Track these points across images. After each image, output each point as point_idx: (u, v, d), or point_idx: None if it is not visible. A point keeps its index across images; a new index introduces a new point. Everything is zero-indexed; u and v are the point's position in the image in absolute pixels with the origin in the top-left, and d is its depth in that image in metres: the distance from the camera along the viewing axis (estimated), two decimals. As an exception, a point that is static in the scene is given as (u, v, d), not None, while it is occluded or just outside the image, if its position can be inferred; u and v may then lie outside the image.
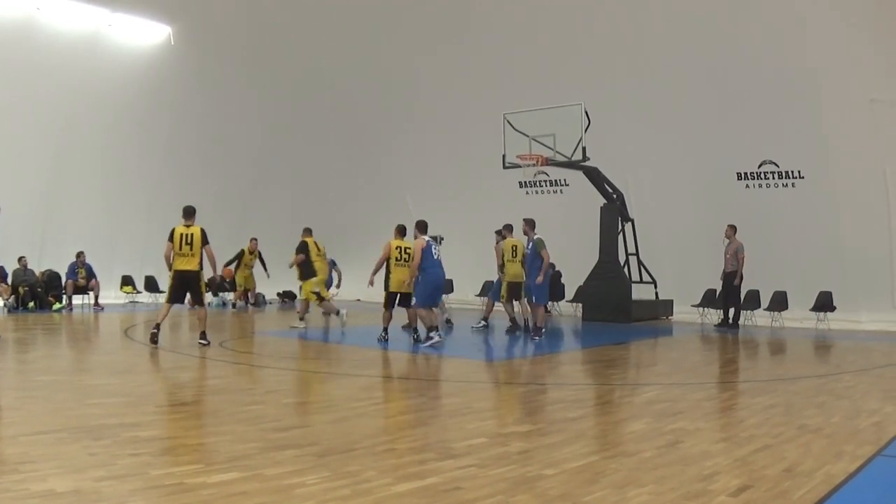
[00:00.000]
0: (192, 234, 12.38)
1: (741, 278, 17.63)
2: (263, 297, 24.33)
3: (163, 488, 4.99)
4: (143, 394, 8.74)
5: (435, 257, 13.25)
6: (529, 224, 15.07)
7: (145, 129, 22.48)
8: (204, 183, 23.32)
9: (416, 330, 13.86)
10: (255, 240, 19.10)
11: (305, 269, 16.19)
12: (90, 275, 20.52)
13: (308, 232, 16.79)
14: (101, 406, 7.74)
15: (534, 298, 14.77)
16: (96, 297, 20.62)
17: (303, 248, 16.20)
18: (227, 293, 24.35)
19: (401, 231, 13.99)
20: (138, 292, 22.34)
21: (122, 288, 22.21)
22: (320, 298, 16.36)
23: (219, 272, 15.33)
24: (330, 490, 4.97)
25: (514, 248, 15.79)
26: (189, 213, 12.68)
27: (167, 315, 12.61)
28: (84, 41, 21.25)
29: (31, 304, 19.44)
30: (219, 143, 24.07)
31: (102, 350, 13.48)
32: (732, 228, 17.84)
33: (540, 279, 14.42)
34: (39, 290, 19.84)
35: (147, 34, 22.60)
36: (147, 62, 22.54)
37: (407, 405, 8.53)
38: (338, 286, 19.99)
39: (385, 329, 13.70)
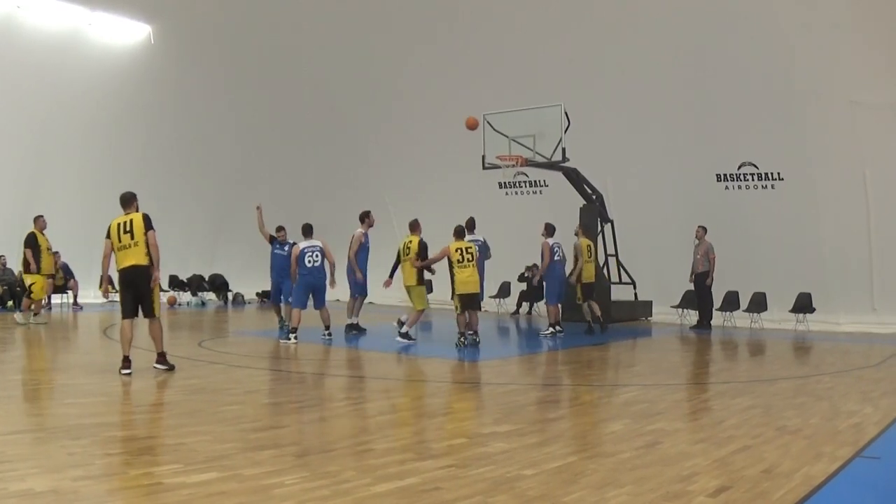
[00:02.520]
0: (130, 221, 9.73)
1: (712, 279, 17.74)
2: (242, 296, 24.23)
3: (141, 488, 4.96)
4: (121, 393, 8.69)
5: (308, 265, 13.92)
6: (468, 226, 15.21)
7: (125, 127, 22.36)
8: (183, 182, 23.24)
9: (465, 334, 13.95)
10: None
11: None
12: (68, 274, 20.37)
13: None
14: (79, 406, 7.69)
15: None
16: (75, 297, 20.48)
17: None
18: (205, 293, 24.20)
19: (459, 232, 14.11)
20: (116, 291, 22.13)
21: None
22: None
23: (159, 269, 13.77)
24: (309, 490, 4.96)
25: (590, 248, 16.50)
26: (126, 200, 9.96)
27: (132, 337, 9.76)
28: (64, 40, 21.14)
29: (10, 303, 19.30)
30: (198, 141, 23.98)
31: (81, 349, 13.39)
32: (703, 229, 17.99)
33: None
34: (18, 289, 19.68)
35: (127, 33, 22.52)
36: (127, 61, 22.45)
37: (386, 405, 8.51)
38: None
39: (462, 333, 13.83)
